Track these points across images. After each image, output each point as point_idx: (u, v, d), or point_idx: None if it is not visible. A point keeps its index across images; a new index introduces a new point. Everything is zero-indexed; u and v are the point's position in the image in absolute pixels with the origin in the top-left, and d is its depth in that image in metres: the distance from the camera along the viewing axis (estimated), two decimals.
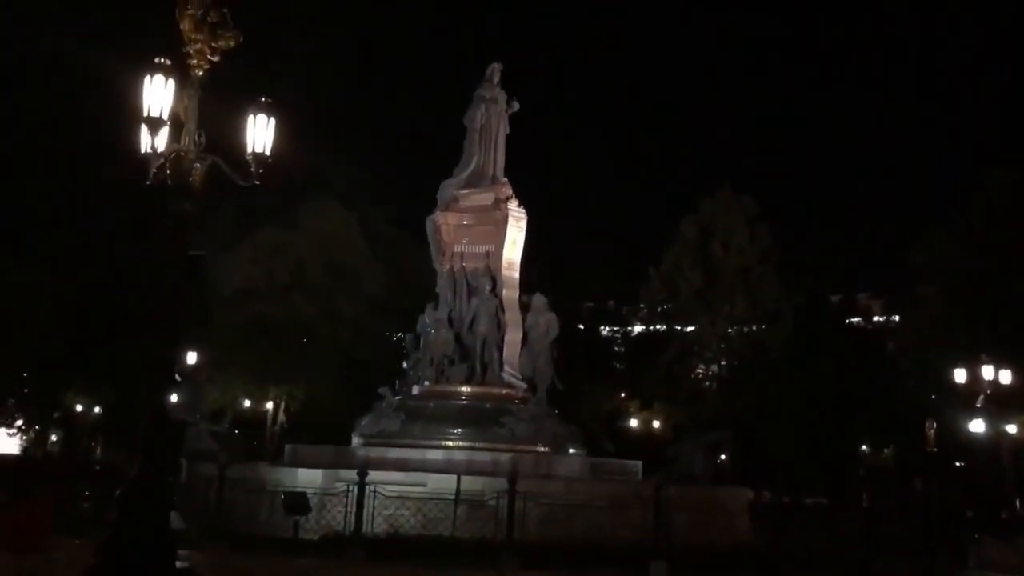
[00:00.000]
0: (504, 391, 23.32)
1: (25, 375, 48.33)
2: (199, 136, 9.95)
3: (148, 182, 9.98)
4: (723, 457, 46.95)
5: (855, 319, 54.44)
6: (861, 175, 74.12)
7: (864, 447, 52.76)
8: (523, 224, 24.50)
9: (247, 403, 43.69)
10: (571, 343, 50.17)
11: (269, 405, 43.66)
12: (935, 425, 26.64)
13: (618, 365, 53.66)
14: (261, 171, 10.10)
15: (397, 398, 23.51)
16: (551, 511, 17.27)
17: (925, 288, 37.34)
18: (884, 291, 56.02)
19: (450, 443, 21.64)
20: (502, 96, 25.34)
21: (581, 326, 54.55)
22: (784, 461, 42.87)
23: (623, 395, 50.91)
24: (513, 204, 24.36)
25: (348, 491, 15.74)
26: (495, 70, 25.51)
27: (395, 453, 21.21)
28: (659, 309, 47.14)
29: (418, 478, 18.02)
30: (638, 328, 52.27)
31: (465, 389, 23.22)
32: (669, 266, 44.33)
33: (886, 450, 53.15)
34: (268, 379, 41.74)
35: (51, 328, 42.75)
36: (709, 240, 43.38)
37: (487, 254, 24.33)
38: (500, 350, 23.62)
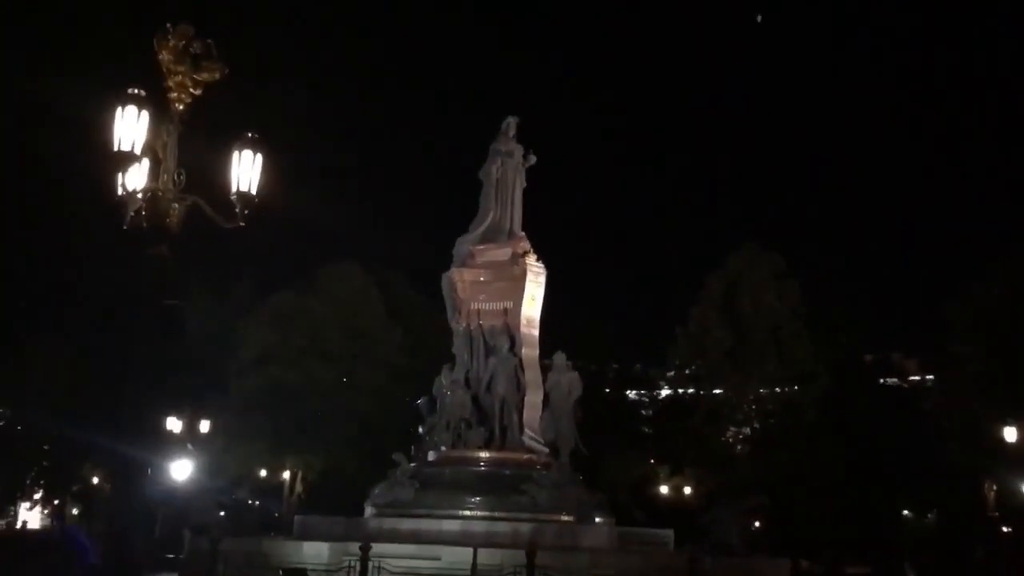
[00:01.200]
0: (525, 456, 22.05)
1: (45, 447, 47.55)
2: (179, 175, 9.07)
3: (125, 226, 9.07)
4: (757, 524, 45.13)
5: (891, 379, 52.56)
6: (889, 232, 72.63)
7: (906, 512, 50.51)
8: (542, 279, 23.49)
9: (263, 473, 42.45)
10: (597, 407, 48.76)
11: (286, 474, 42.37)
12: (995, 488, 24.90)
13: (647, 430, 52.01)
14: (247, 211, 9.16)
15: (412, 465, 22.30)
16: None
17: (964, 343, 35.83)
18: (919, 349, 54.29)
19: (467, 513, 20.35)
20: (518, 149, 24.58)
21: (608, 390, 53.12)
22: (822, 528, 40.88)
23: (652, 461, 49.21)
24: (531, 259, 23.40)
25: (351, 567, 14.42)
26: (511, 124, 24.81)
27: (408, 524, 19.95)
28: (687, 370, 45.74)
29: (431, 551, 16.70)
30: (666, 391, 50.81)
31: (483, 454, 21.97)
32: (696, 325, 43.01)
33: (929, 515, 50.85)
34: (285, 447, 40.53)
35: (68, 397, 42.08)
36: (736, 297, 42.12)
37: (505, 311, 23.30)
38: (520, 412, 22.41)
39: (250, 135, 9.26)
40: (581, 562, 16.90)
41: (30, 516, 64.17)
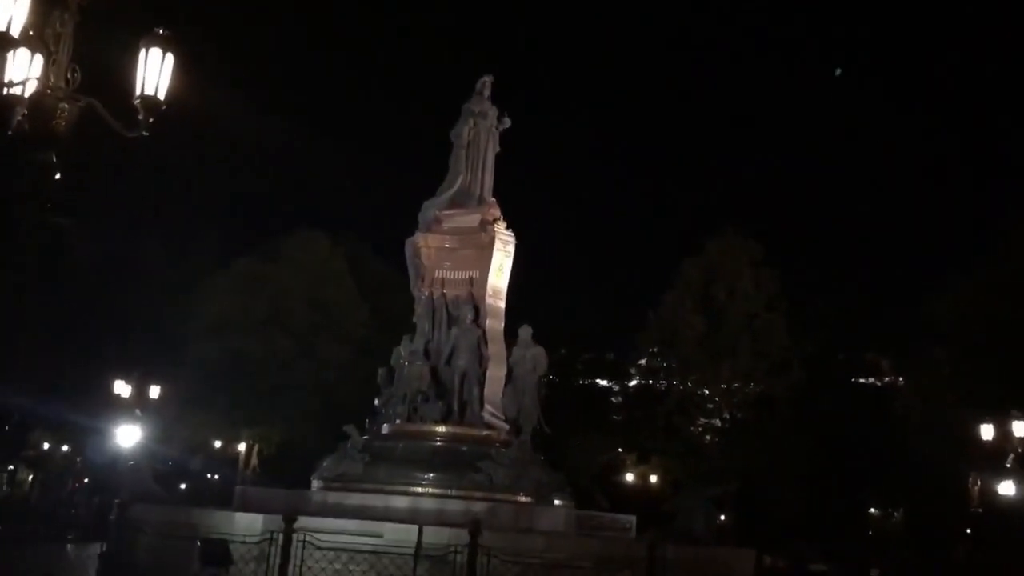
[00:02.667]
0: (484, 432, 20.84)
1: None
2: (73, 71, 7.74)
3: (9, 131, 7.75)
4: (722, 517, 44.30)
5: (865, 379, 51.87)
6: (869, 227, 71.50)
7: (872, 510, 49.99)
8: (511, 248, 22.22)
9: (218, 444, 41.07)
10: (566, 393, 47.90)
11: (242, 446, 41.01)
12: (978, 483, 24.06)
13: (616, 417, 51.09)
14: (152, 120, 7.86)
15: (364, 438, 21.04)
16: (526, 571, 14.69)
17: (941, 341, 35.07)
18: (893, 348, 53.68)
19: (419, 489, 19.12)
20: (492, 111, 23.26)
21: (580, 380, 52.12)
22: (788, 522, 40.11)
23: (620, 449, 48.30)
24: (501, 226, 22.11)
25: (272, 540, 13.14)
26: (486, 83, 23.48)
27: (355, 499, 18.70)
28: (659, 358, 44.81)
29: (374, 527, 15.46)
30: (637, 380, 49.90)
31: (439, 429, 20.73)
32: (669, 310, 42.01)
33: (896, 513, 50.33)
34: (241, 419, 39.16)
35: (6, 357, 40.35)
36: (712, 284, 41.16)
37: (470, 280, 22.02)
38: (481, 386, 21.17)
39: (160, 32, 7.94)
40: (534, 544, 15.75)
41: None
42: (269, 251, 41.58)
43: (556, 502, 20.22)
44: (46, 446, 49.11)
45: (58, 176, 7.74)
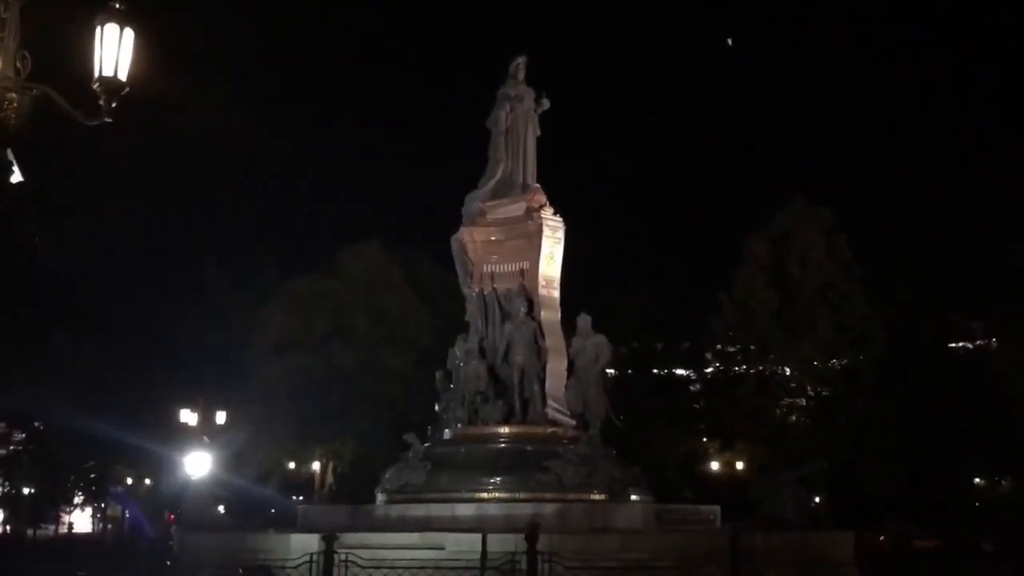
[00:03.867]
0: (549, 430, 19.73)
1: (76, 449, 46.27)
2: (22, 59, 6.92)
3: None
4: (817, 500, 42.31)
5: (955, 344, 49.05)
6: (948, 183, 67.32)
7: (977, 480, 47.27)
8: (560, 235, 21.08)
9: (291, 465, 40.76)
10: (642, 387, 46.45)
11: (315, 466, 40.62)
12: None
13: (696, 405, 49.40)
14: (114, 104, 6.98)
15: (425, 446, 20.15)
16: (604, 575, 13.52)
17: None
18: (982, 307, 50.77)
19: (484, 495, 18.13)
20: (529, 94, 22.17)
21: (657, 372, 50.52)
22: (887, 499, 38.05)
23: (703, 439, 46.63)
24: (548, 212, 20.99)
25: (312, 561, 12.21)
26: (520, 65, 22.39)
27: (418, 510, 17.79)
28: (735, 340, 43.01)
29: (434, 539, 14.50)
30: (715, 366, 48.04)
31: (502, 430, 19.70)
32: (741, 289, 40.26)
33: (1003, 482, 47.54)
34: (311, 438, 38.75)
35: (88, 394, 40.57)
36: (784, 257, 39.30)
37: (521, 272, 20.96)
38: (542, 382, 20.09)
39: (116, 5, 7.06)
40: (609, 545, 14.58)
41: (76, 520, 63.64)
42: (326, 267, 41.19)
43: (633, 498, 18.99)
44: (129, 481, 49.58)
45: (17, 175, 6.90)
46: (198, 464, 30.55)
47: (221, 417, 31.63)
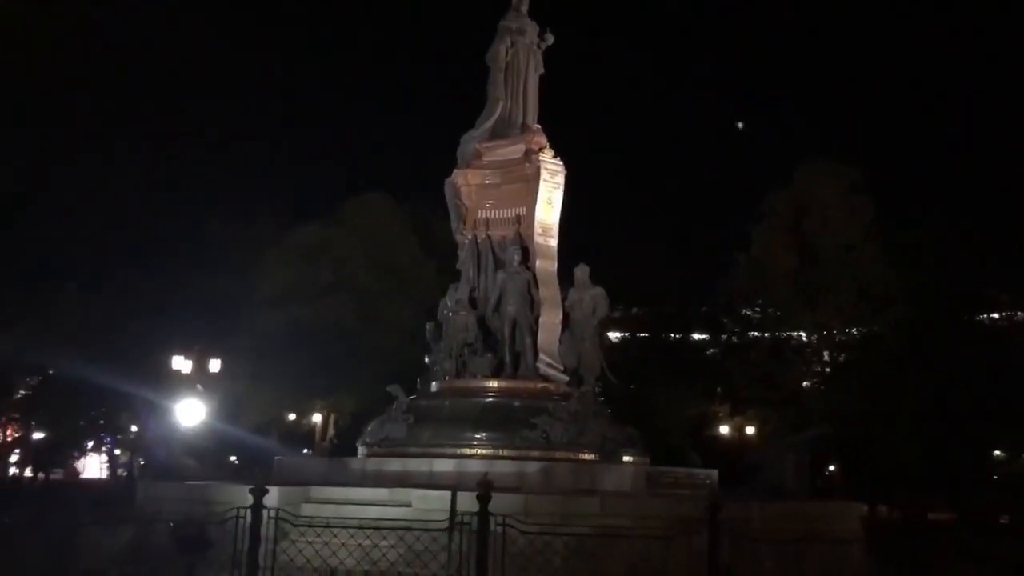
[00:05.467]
0: (539, 385, 18.70)
1: (83, 397, 45.91)
2: None
3: None
4: (831, 468, 41.13)
5: (981, 315, 47.26)
6: (975, 139, 64.14)
7: (997, 452, 45.86)
8: (560, 179, 19.86)
9: (292, 417, 40.05)
10: (652, 350, 45.24)
11: (316, 418, 39.88)
12: None
13: (707, 369, 48.14)
14: None
15: (411, 398, 19.17)
16: (580, 543, 12.44)
17: None
18: (1011, 280, 48.84)
19: (466, 451, 17.17)
20: (532, 27, 20.84)
21: (673, 335, 49.14)
22: (902, 470, 36.77)
23: (716, 401, 45.41)
24: (547, 155, 19.76)
25: (239, 518, 11.17)
26: None
27: (395, 464, 16.85)
28: (750, 303, 41.59)
29: (401, 495, 13.51)
30: (731, 333, 46.60)
31: (491, 384, 18.70)
32: (758, 249, 38.74)
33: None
34: (312, 390, 37.91)
35: (93, 342, 39.96)
36: (803, 217, 37.71)
37: (517, 218, 19.83)
38: (534, 334, 19.02)
39: None
40: (588, 507, 13.54)
41: (85, 466, 63.66)
42: (330, 217, 40.09)
43: (626, 459, 17.95)
44: (134, 428, 49.16)
45: None
46: (190, 412, 29.86)
47: (215, 365, 30.78)
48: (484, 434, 17.43)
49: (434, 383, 19.52)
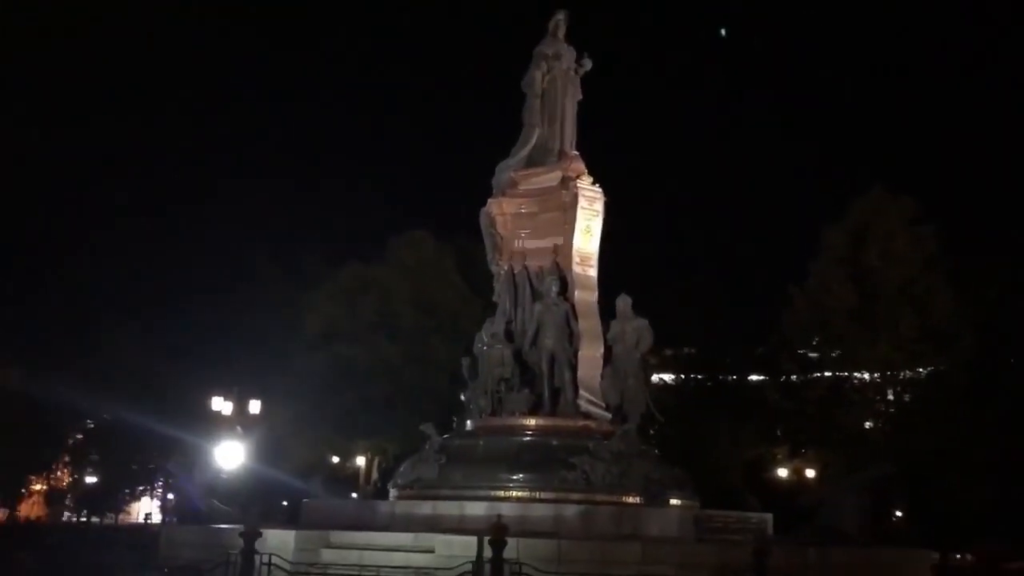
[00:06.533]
0: (580, 423, 17.68)
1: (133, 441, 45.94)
2: None
3: None
4: (899, 513, 39.02)
5: None
6: None
7: None
8: (599, 207, 19.01)
9: (335, 459, 39.35)
10: (706, 390, 43.68)
11: (360, 461, 39.11)
12: None
13: (763, 409, 46.34)
14: None
15: (444, 437, 18.28)
16: None
17: None
18: None
19: (500, 493, 16.17)
20: (569, 52, 20.17)
21: (731, 377, 47.53)
22: (975, 515, 34.62)
23: (769, 443, 43.59)
24: (585, 182, 18.96)
25: (230, 562, 10.32)
26: (559, 22, 20.41)
27: (425, 508, 15.92)
28: (807, 340, 39.94)
29: (425, 541, 12.55)
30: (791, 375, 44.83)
31: (528, 422, 17.74)
32: (815, 285, 37.20)
33: None
34: (356, 431, 37.20)
35: (140, 386, 39.97)
36: (861, 249, 36.16)
37: (555, 248, 19.01)
38: (573, 369, 18.06)
39: None
40: (628, 555, 12.42)
41: (140, 508, 63.81)
42: (374, 255, 39.73)
43: (673, 502, 16.79)
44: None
45: None
46: (229, 455, 29.34)
47: (255, 406, 30.32)
48: (520, 475, 16.44)
49: (469, 421, 18.65)
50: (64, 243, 36.56)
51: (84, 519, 52.46)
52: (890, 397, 37.48)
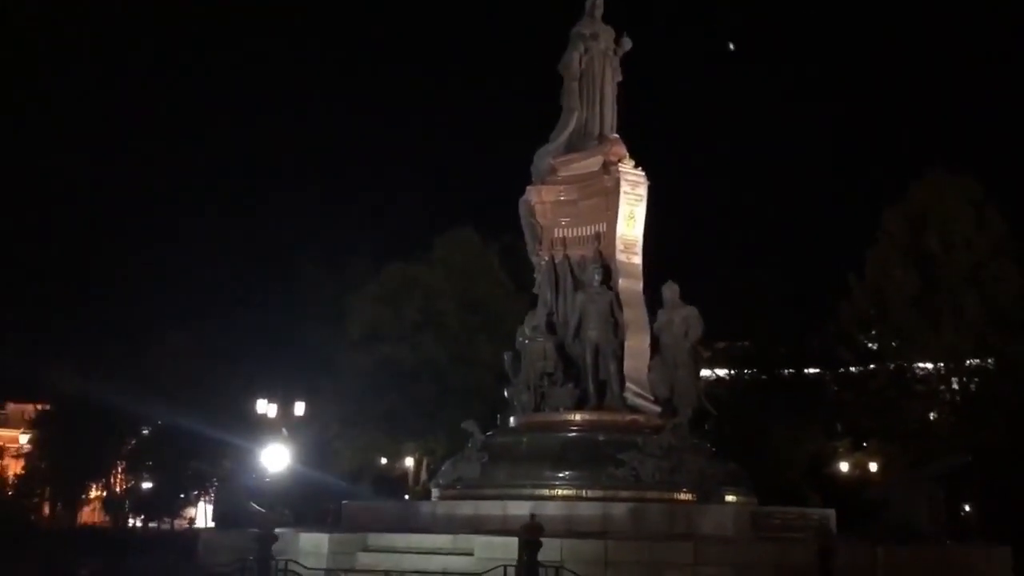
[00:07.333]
0: (627, 417, 16.84)
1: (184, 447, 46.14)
2: None
3: None
4: (967, 508, 37.37)
5: None
6: None
7: None
8: (642, 191, 18.13)
9: (383, 461, 38.92)
10: (763, 385, 42.37)
11: (408, 462, 38.63)
12: None
13: (822, 403, 44.83)
14: None
15: (487, 434, 17.60)
16: None
17: None
18: None
19: (545, 491, 15.43)
20: (607, 33, 19.34)
21: (789, 370, 46.15)
22: None
23: (830, 438, 42.13)
24: (627, 165, 18.09)
25: (245, 568, 9.71)
26: (596, 2, 19.58)
27: (467, 508, 15.25)
28: (868, 329, 38.45)
29: (464, 543, 11.87)
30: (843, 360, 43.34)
31: (573, 417, 16.97)
32: (874, 272, 35.76)
33: None
34: (404, 433, 36.71)
35: (188, 391, 40.04)
36: (922, 234, 34.65)
37: (597, 236, 18.20)
38: (619, 361, 17.22)
39: None
40: (680, 555, 11.58)
41: (196, 514, 64.38)
42: (419, 255, 39.23)
43: (728, 498, 15.89)
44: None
45: None
46: (275, 458, 29.03)
47: (300, 408, 29.98)
48: (565, 473, 15.68)
49: (512, 418, 17.94)
50: (116, 254, 36.78)
51: (141, 524, 52.95)
52: (955, 387, 35.88)
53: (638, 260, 18.11)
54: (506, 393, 19.20)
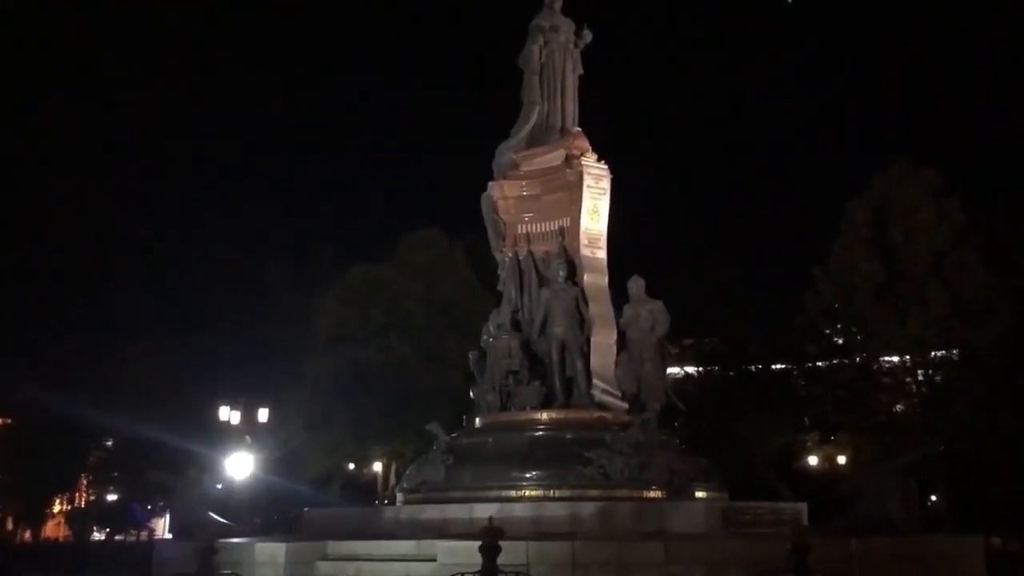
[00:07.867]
0: (595, 415, 16.55)
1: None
2: None
3: None
4: (933, 498, 37.57)
5: None
6: None
7: None
8: (606, 184, 17.88)
9: (351, 466, 38.35)
10: (730, 380, 42.35)
11: (377, 466, 38.10)
12: None
13: (792, 398, 44.91)
14: None
15: (452, 436, 17.22)
16: None
17: None
18: None
19: (512, 493, 15.08)
20: (567, 25, 19.07)
21: (757, 365, 46.17)
22: (1015, 498, 33.19)
23: (796, 430, 42.19)
24: (590, 159, 17.84)
25: None
26: None
27: (432, 512, 14.84)
28: (833, 322, 38.51)
29: (426, 548, 11.48)
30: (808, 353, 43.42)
31: (539, 416, 16.64)
32: (839, 264, 35.82)
33: None
34: (371, 437, 36.18)
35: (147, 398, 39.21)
36: (885, 225, 34.76)
37: (560, 231, 17.91)
38: (586, 357, 16.94)
39: None
40: (651, 555, 11.27)
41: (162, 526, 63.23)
42: (385, 255, 38.76)
43: (699, 495, 15.62)
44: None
45: None
46: (240, 465, 28.41)
47: (264, 415, 29.36)
48: (533, 473, 15.35)
49: (477, 419, 17.57)
50: (75, 264, 35.88)
51: (105, 537, 51.91)
52: (921, 378, 36.06)
53: (603, 255, 17.85)
54: (472, 393, 18.86)
